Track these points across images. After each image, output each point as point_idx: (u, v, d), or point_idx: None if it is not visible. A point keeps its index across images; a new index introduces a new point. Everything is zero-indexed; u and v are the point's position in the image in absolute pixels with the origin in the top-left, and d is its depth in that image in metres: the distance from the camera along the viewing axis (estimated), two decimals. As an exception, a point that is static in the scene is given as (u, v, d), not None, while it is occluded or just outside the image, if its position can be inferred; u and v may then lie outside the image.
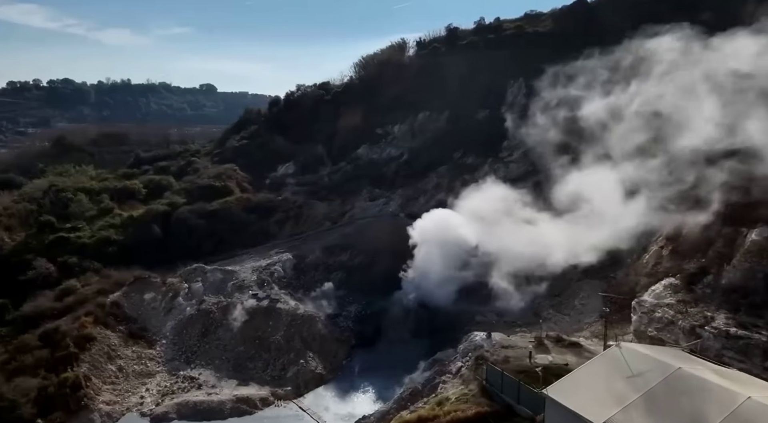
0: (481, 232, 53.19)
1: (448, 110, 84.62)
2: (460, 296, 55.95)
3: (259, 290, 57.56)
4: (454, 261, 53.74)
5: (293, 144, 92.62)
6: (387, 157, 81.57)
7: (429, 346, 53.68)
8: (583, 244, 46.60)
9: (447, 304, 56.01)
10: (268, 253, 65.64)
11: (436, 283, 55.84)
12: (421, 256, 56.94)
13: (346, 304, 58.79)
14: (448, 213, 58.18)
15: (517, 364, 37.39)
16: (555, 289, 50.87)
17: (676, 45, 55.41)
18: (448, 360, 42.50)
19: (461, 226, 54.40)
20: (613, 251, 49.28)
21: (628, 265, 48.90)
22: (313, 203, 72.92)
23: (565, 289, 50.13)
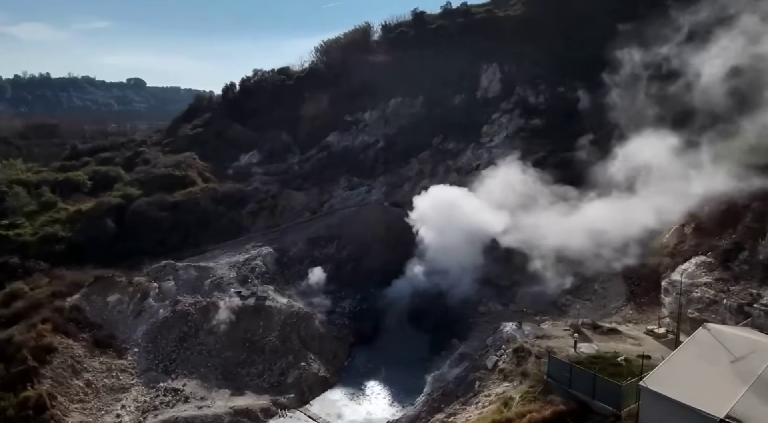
0: (507, 218, 48.68)
1: (422, 95, 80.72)
2: (465, 286, 51.78)
3: (242, 288, 51.08)
4: (466, 250, 49.32)
5: (254, 132, 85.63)
6: (362, 145, 76.49)
7: (432, 340, 49.58)
8: (634, 224, 43.23)
9: (449, 295, 51.80)
10: (245, 248, 58.99)
11: (440, 274, 51.40)
12: (424, 244, 52.31)
13: (338, 300, 53.38)
14: (458, 194, 53.51)
15: (564, 355, 33.75)
16: (570, 274, 47.66)
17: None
18: (477, 354, 38.25)
19: (479, 211, 49.90)
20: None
21: (644, 245, 46.29)
22: (288, 193, 66.71)
23: (580, 274, 47.00)
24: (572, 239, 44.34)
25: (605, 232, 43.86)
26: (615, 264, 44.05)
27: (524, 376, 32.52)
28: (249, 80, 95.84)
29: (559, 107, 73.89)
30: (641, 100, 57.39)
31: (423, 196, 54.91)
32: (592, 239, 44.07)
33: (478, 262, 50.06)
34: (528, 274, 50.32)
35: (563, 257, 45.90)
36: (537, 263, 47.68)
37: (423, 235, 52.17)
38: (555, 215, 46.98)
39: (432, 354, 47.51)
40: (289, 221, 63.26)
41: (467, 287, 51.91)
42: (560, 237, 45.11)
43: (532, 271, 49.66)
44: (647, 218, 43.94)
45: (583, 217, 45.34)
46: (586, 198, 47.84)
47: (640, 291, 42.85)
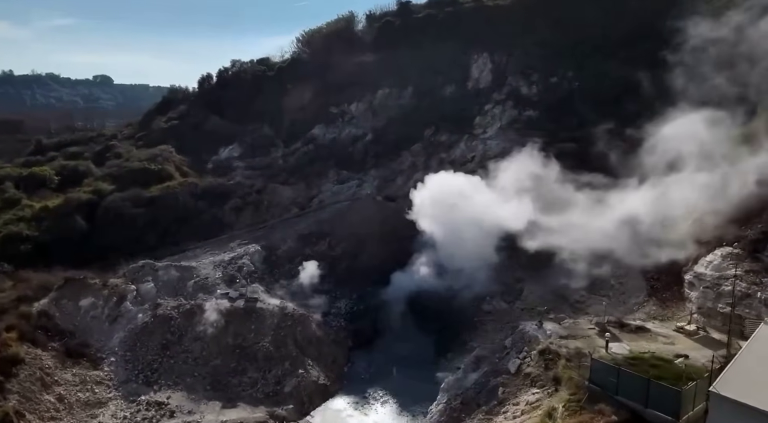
0: (527, 212, 45.21)
1: (411, 86, 77.17)
2: (468, 284, 48.40)
3: (229, 288, 46.68)
4: (474, 245, 45.84)
5: (234, 124, 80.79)
6: (349, 137, 72.53)
7: (436, 341, 46.24)
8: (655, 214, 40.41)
9: (451, 293, 48.39)
10: (229, 246, 54.55)
11: (443, 271, 47.94)
12: (425, 238, 48.73)
13: (333, 300, 49.46)
14: (468, 183, 49.75)
15: (597, 357, 30.60)
16: (582, 268, 44.66)
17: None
18: (496, 357, 34.91)
19: (493, 203, 46.34)
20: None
21: (662, 236, 43.54)
22: (274, 188, 62.40)
23: (594, 268, 44.06)
24: (596, 233, 41.32)
25: (628, 224, 41.07)
26: (632, 257, 41.19)
27: (556, 381, 29.24)
28: (227, 71, 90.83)
29: (553, 98, 71.41)
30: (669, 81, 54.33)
31: (426, 184, 50.94)
32: (615, 232, 41.19)
33: (486, 258, 46.54)
34: (536, 270, 47.44)
35: (578, 252, 42.89)
36: (550, 259, 44.50)
37: (425, 229, 48.45)
38: (579, 209, 43.80)
39: (438, 356, 44.22)
40: (276, 217, 58.98)
41: (470, 285, 48.59)
42: (584, 231, 42.04)
43: (541, 267, 46.76)
44: (667, 208, 41.32)
45: (608, 209, 42.40)
46: (609, 189, 44.77)
47: (660, 286, 40.19)
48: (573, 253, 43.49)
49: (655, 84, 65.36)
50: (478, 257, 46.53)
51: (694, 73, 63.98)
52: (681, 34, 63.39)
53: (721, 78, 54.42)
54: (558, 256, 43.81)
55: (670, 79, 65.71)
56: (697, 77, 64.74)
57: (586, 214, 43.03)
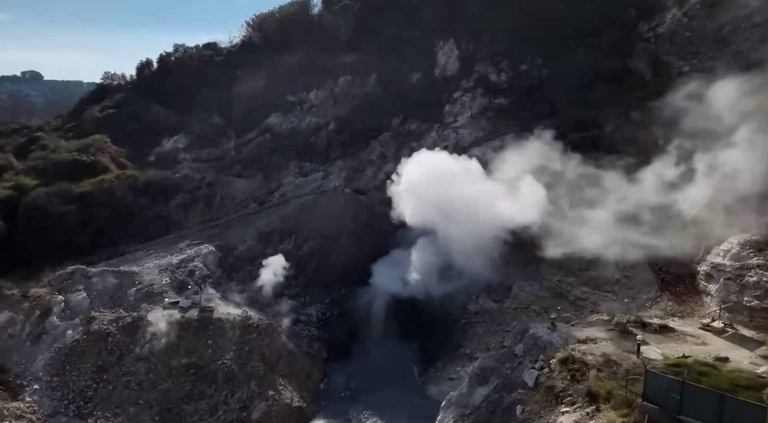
0: (535, 205, 39.89)
1: (374, 73, 71.33)
2: (453, 282, 43.19)
3: (180, 296, 39.46)
4: (465, 239, 40.47)
5: (178, 114, 72.46)
6: (310, 127, 65.97)
7: (422, 348, 40.76)
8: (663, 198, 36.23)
9: (434, 293, 43.08)
10: (177, 247, 47.12)
11: (426, 269, 42.44)
12: (406, 232, 43.12)
13: (303, 306, 43.19)
14: (462, 168, 43.92)
15: (631, 363, 25.95)
16: (581, 262, 40.23)
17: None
18: (505, 367, 29.60)
19: (492, 193, 40.81)
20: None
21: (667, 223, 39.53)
22: (228, 181, 55.14)
23: (595, 261, 39.68)
24: (596, 223, 36.89)
25: (631, 212, 36.89)
26: (639, 248, 37.00)
27: (592, 397, 24.19)
28: (169, 57, 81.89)
29: (523, 85, 67.63)
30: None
31: (410, 166, 44.90)
32: (618, 221, 36.90)
33: (474, 253, 41.34)
34: (525, 265, 42.82)
35: (581, 244, 38.37)
36: (540, 252, 39.80)
37: (407, 219, 42.71)
38: (587, 197, 39.22)
39: (426, 366, 38.79)
40: (232, 214, 51.88)
41: (454, 283, 43.41)
42: (584, 221, 37.53)
43: (530, 262, 42.16)
44: (674, 191, 37.48)
45: (617, 195, 38.05)
46: (613, 175, 40.37)
47: (672, 278, 36.14)
48: (570, 244, 38.93)
49: (628, 70, 63.76)
50: (465, 252, 41.19)
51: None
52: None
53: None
54: (552, 249, 39.10)
55: (639, 66, 64.48)
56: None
57: (589, 202, 38.58)
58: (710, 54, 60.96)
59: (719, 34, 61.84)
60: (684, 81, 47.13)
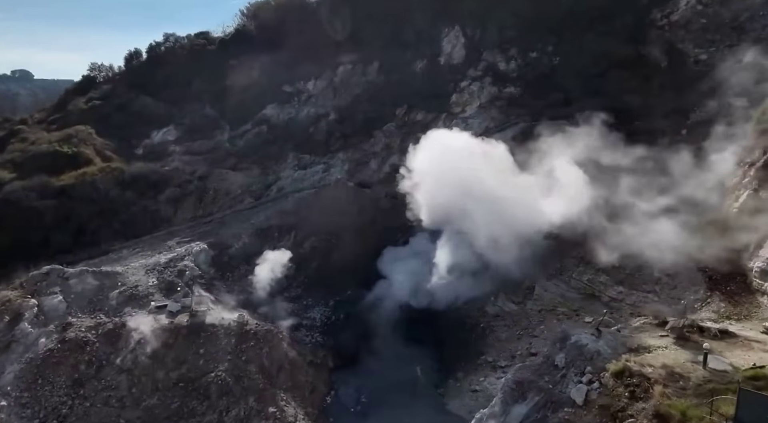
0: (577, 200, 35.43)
1: (376, 62, 67.21)
2: (468, 282, 39.04)
3: (168, 299, 35.01)
4: (498, 240, 36.12)
5: (169, 105, 68.00)
6: (309, 118, 61.64)
7: (439, 355, 36.43)
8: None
9: (450, 295, 38.92)
10: (166, 245, 42.67)
11: (444, 269, 38.17)
12: (419, 225, 38.82)
13: (305, 309, 38.84)
14: (489, 153, 39.31)
15: (700, 376, 21.84)
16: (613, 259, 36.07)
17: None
18: (545, 381, 25.37)
19: (536, 193, 36.30)
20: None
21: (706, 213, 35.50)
22: (222, 174, 50.72)
23: (631, 258, 35.55)
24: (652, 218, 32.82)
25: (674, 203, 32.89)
26: (683, 242, 32.94)
27: (661, 419, 20.05)
28: (159, 46, 77.41)
29: (534, 74, 63.82)
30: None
31: (426, 150, 40.45)
32: (659, 212, 32.88)
33: (503, 253, 37.03)
34: (547, 263, 38.69)
35: (609, 238, 34.32)
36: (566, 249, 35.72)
37: (420, 211, 38.39)
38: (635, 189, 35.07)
39: (445, 376, 34.48)
40: (227, 209, 47.49)
41: (471, 283, 39.27)
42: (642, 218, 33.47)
43: (553, 259, 38.05)
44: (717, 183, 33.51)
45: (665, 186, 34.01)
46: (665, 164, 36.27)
47: (720, 277, 32.04)
48: (599, 238, 34.85)
49: (643, 58, 60.26)
50: (488, 251, 36.98)
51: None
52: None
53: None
54: (601, 249, 34.84)
55: (654, 54, 60.86)
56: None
57: (637, 194, 34.54)
58: (728, 41, 57.73)
59: (736, 22, 58.76)
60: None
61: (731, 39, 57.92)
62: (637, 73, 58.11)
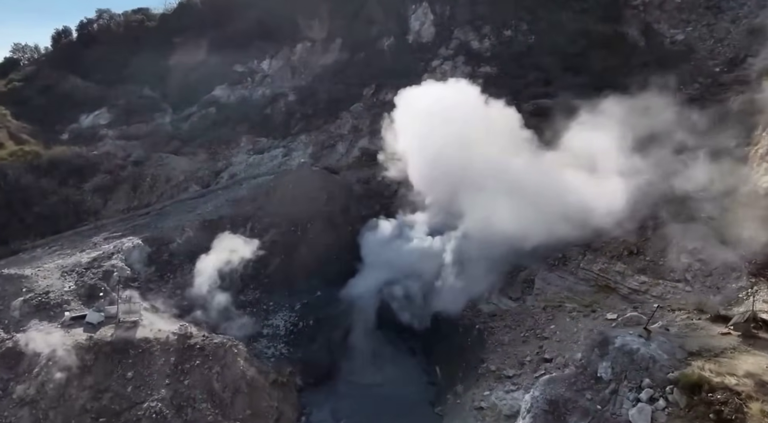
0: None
1: (339, 39, 60.49)
2: (456, 275, 32.95)
3: (89, 307, 27.18)
4: (482, 218, 29.97)
5: (102, 87, 59.22)
6: (265, 98, 54.27)
7: (428, 363, 30.19)
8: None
9: (435, 291, 32.74)
10: (91, 242, 34.67)
11: (428, 257, 31.89)
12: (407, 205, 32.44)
13: (266, 316, 31.59)
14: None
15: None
16: (630, 245, 30.66)
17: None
18: (586, 397, 19.34)
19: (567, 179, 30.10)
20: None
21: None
22: (162, 159, 42.92)
23: (648, 242, 30.22)
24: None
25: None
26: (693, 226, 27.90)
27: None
28: (91, 24, 68.13)
29: (509, 52, 58.98)
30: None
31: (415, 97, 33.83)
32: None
33: (489, 237, 31.04)
34: (551, 252, 33.03)
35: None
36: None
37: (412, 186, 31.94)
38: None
39: (441, 390, 28.06)
40: (167, 199, 39.72)
41: (458, 276, 33.21)
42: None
43: (559, 248, 32.41)
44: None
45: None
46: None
47: (762, 259, 26.96)
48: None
49: (623, 37, 56.64)
50: (478, 236, 30.91)
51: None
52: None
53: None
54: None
55: (631, 33, 57.54)
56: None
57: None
58: (704, 21, 54.64)
59: (711, 1, 55.87)
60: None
61: (707, 18, 55.04)
62: (617, 52, 54.61)
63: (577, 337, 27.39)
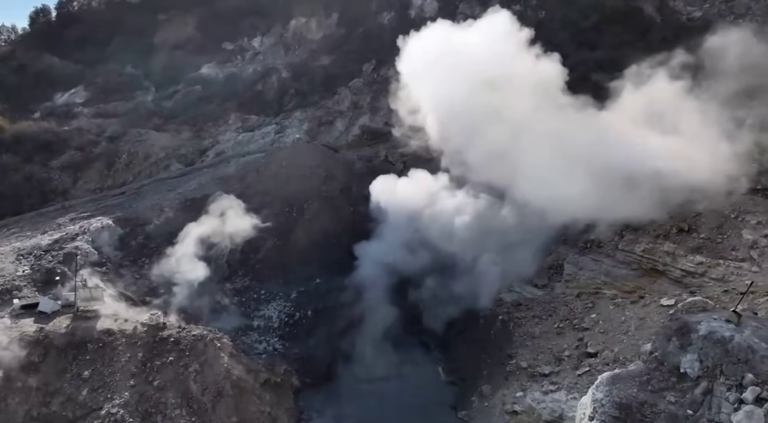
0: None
1: (336, 13, 55.97)
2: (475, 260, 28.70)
3: (44, 295, 22.53)
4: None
5: (80, 66, 54.66)
6: (256, 73, 49.72)
7: (446, 360, 25.84)
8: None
9: (451, 276, 28.48)
10: (55, 223, 29.95)
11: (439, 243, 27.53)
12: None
13: (256, 306, 27.04)
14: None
15: None
16: (680, 221, 26.27)
17: None
18: (668, 401, 14.97)
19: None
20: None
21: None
22: (140, 135, 38.32)
23: (700, 218, 25.81)
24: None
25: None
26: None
27: None
28: (70, 2, 63.52)
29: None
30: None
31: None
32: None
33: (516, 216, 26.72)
34: (580, 234, 28.87)
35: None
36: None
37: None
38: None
39: (464, 391, 23.75)
40: (146, 178, 35.01)
41: (476, 262, 28.97)
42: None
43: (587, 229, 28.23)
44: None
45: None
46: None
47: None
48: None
49: (638, 13, 52.65)
50: (509, 213, 26.55)
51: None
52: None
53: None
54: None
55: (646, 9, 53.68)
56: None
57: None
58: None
59: (730, -22, 51.78)
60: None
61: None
62: (632, 28, 50.38)
63: (627, 328, 23.12)
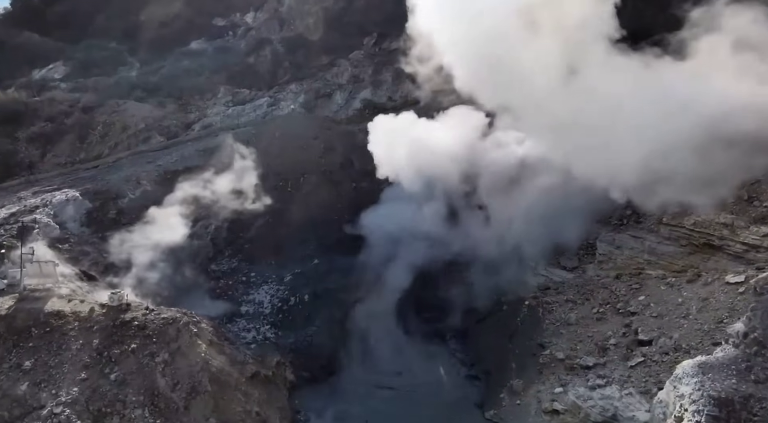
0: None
1: (334, -14, 52.10)
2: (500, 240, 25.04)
3: (-14, 273, 18.61)
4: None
5: (62, 43, 50.87)
6: (248, 45, 45.96)
7: (466, 350, 22.07)
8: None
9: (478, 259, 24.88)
10: (16, 196, 26.09)
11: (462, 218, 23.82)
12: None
13: (244, 289, 23.22)
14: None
15: None
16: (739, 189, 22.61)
17: None
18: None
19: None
20: None
21: None
22: (118, 105, 34.34)
23: (760, 185, 22.14)
24: None
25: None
26: None
27: None
28: (53, -21, 59.42)
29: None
30: None
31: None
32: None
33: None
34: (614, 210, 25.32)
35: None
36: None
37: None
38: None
39: (490, 387, 20.00)
40: (125, 150, 31.12)
41: (501, 242, 25.38)
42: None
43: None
44: None
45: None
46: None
47: None
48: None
49: None
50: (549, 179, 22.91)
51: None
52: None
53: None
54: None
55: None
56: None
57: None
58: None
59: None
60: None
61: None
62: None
63: (687, 310, 19.43)
